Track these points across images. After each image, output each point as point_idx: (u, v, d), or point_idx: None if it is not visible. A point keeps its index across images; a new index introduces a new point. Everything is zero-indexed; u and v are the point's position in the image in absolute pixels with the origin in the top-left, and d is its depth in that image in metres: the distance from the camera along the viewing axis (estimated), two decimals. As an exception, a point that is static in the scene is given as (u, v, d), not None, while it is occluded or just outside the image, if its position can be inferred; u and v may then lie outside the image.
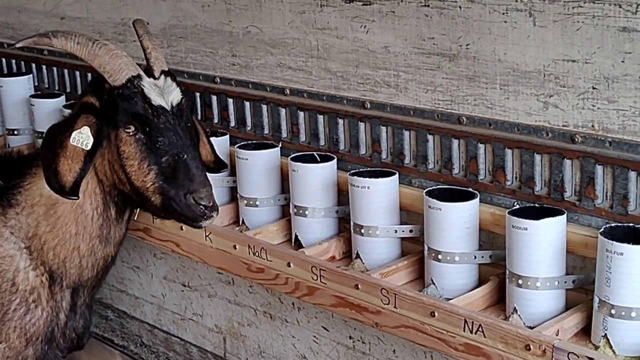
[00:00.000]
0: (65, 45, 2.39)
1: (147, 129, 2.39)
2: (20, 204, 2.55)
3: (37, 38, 2.40)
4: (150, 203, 2.43)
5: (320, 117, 2.69)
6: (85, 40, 2.39)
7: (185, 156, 2.38)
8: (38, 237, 2.54)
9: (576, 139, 2.11)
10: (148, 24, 2.69)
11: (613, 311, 1.92)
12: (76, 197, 2.42)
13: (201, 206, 2.36)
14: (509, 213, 2.11)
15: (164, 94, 2.43)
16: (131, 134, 2.39)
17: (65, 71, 3.57)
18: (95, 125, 2.41)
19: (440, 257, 2.24)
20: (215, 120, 3.03)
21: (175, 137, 2.40)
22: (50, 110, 3.31)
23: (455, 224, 2.22)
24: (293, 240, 2.64)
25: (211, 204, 2.37)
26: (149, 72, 2.47)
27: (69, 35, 2.40)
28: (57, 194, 2.42)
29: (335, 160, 2.58)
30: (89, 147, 2.39)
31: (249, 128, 2.93)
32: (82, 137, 2.38)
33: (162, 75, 2.47)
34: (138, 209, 2.63)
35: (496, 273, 2.27)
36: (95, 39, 2.42)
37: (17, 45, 2.40)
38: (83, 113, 2.43)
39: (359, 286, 2.24)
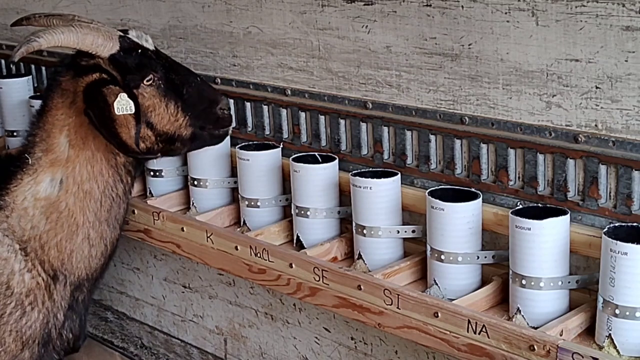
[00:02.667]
0: (52, 41, 2.41)
1: (162, 73, 2.52)
2: (9, 206, 2.53)
3: (27, 45, 2.39)
4: (180, 139, 2.57)
5: (322, 118, 2.69)
6: (67, 29, 2.42)
7: (198, 79, 2.58)
8: (36, 239, 2.52)
9: (579, 139, 2.11)
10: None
11: (617, 311, 1.91)
12: (157, 154, 2.61)
13: (226, 112, 2.62)
14: (512, 213, 2.10)
15: (146, 40, 2.56)
16: (152, 83, 2.49)
17: (58, 69, 3.55)
18: (124, 89, 2.48)
19: (443, 257, 2.24)
20: (216, 121, 3.02)
21: (179, 68, 2.57)
22: (49, 111, 3.29)
23: (458, 224, 2.21)
24: (295, 241, 2.63)
25: (229, 107, 2.65)
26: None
27: (51, 31, 2.42)
28: (141, 159, 2.63)
29: (337, 160, 2.57)
30: (134, 109, 2.47)
31: (250, 129, 2.93)
32: (124, 103, 2.46)
33: (129, 29, 2.57)
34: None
35: (499, 273, 2.27)
36: (69, 23, 2.49)
37: (14, 59, 2.40)
38: (100, 87, 2.47)
39: (362, 287, 2.23)
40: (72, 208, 2.52)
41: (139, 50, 2.50)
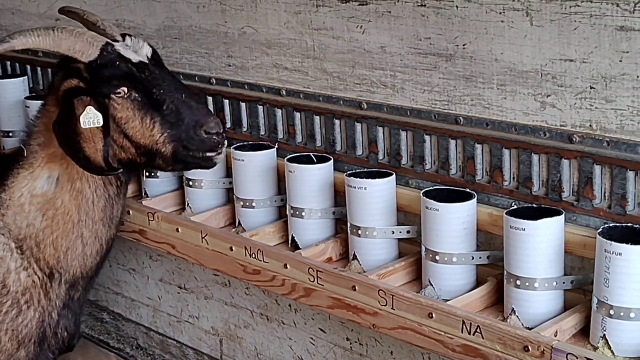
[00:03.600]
0: (26, 43, 2.39)
1: (140, 86, 2.42)
2: (5, 204, 2.53)
3: (4, 47, 2.39)
4: (162, 156, 2.44)
5: (317, 118, 2.68)
6: (44, 31, 2.40)
7: (183, 96, 2.43)
8: (32, 237, 2.52)
9: (574, 139, 2.10)
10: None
11: (612, 312, 1.91)
12: (120, 170, 2.52)
13: (213, 138, 2.40)
14: (506, 214, 2.10)
15: (138, 51, 2.46)
16: (125, 97, 2.41)
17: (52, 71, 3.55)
18: (94, 102, 2.43)
19: (438, 258, 2.23)
20: (211, 122, 3.01)
21: (166, 83, 2.43)
22: (45, 112, 3.29)
23: (453, 225, 2.21)
24: (290, 241, 2.62)
25: (222, 130, 2.42)
26: (113, 40, 2.48)
27: (26, 33, 2.40)
28: (101, 175, 2.51)
29: (332, 161, 2.57)
30: (102, 123, 2.42)
31: (245, 129, 2.92)
32: (91, 117, 2.41)
33: (126, 37, 2.50)
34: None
35: (494, 274, 2.26)
36: (53, 26, 2.43)
37: None
38: (72, 98, 2.44)
39: (357, 288, 2.23)
40: (67, 205, 2.52)
41: (118, 62, 2.41)
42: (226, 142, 2.44)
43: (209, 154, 2.42)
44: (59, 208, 2.52)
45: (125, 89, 2.41)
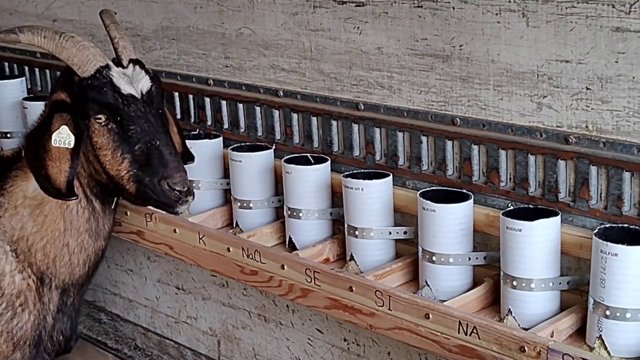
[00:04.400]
0: (32, 40, 2.38)
1: (119, 118, 2.39)
2: (3, 206, 2.53)
3: (4, 35, 2.39)
4: (126, 191, 2.44)
5: (314, 119, 2.69)
6: (51, 33, 2.39)
7: (158, 143, 2.39)
8: (24, 239, 2.52)
9: (570, 140, 2.11)
10: (115, 13, 2.68)
11: (608, 312, 1.91)
12: (75, 197, 2.42)
13: (176, 191, 2.38)
14: (503, 214, 2.10)
15: (134, 82, 2.43)
16: (103, 124, 2.39)
17: (58, 74, 3.55)
18: (72, 121, 2.40)
19: (434, 258, 2.24)
20: (209, 122, 3.02)
21: (147, 124, 2.40)
22: (43, 113, 3.30)
23: (450, 226, 2.21)
24: (287, 242, 2.63)
25: (186, 188, 2.39)
26: (118, 62, 2.47)
27: (35, 30, 2.39)
28: (55, 198, 2.42)
29: (329, 162, 2.57)
30: (72, 145, 2.39)
31: (242, 130, 2.92)
32: (63, 137, 2.38)
33: (131, 64, 2.47)
34: (116, 199, 2.61)
35: (491, 274, 2.26)
36: (62, 32, 2.42)
37: None
38: (56, 111, 2.42)
39: (353, 288, 2.23)
40: (54, 213, 2.52)
41: (105, 89, 2.38)
42: (190, 198, 2.43)
43: (166, 205, 2.42)
44: (47, 214, 2.52)
45: (104, 117, 2.39)
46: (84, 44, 2.41)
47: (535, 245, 2.05)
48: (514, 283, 2.08)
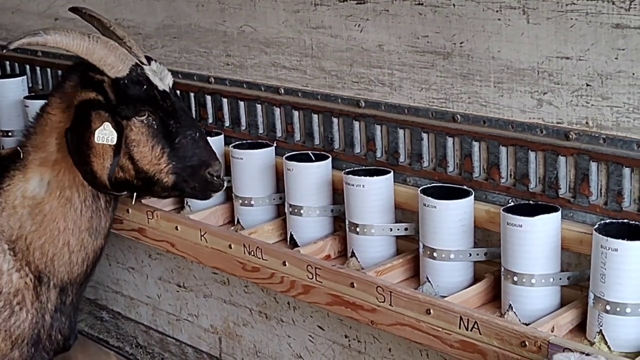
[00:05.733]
0: (59, 42, 2.38)
1: (159, 115, 2.45)
2: (0, 205, 2.53)
3: (31, 37, 2.39)
4: (160, 184, 2.50)
5: (315, 116, 2.70)
6: (80, 36, 2.39)
7: (197, 134, 2.48)
8: (23, 238, 2.52)
9: (570, 136, 2.11)
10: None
11: (608, 307, 1.92)
12: (124, 193, 2.53)
13: (215, 178, 2.51)
14: (503, 210, 2.11)
15: (162, 78, 2.49)
16: (145, 121, 2.44)
17: (59, 72, 3.56)
18: (111, 119, 2.43)
19: (435, 254, 2.24)
20: (210, 120, 3.03)
21: (184, 116, 2.48)
22: (44, 111, 3.30)
23: (450, 222, 2.22)
24: (288, 239, 2.64)
25: (222, 174, 2.55)
26: (139, 61, 2.49)
27: (62, 32, 2.39)
28: (104, 193, 2.53)
29: (330, 159, 2.58)
30: (114, 142, 2.43)
31: (243, 127, 2.93)
32: (106, 134, 2.41)
33: (151, 61, 2.51)
34: (135, 194, 2.63)
35: (491, 270, 2.27)
36: (88, 33, 2.42)
37: (11, 47, 2.38)
38: (90, 110, 2.43)
39: (355, 284, 2.24)
40: (55, 212, 2.52)
41: (145, 86, 2.44)
42: (225, 183, 2.57)
43: (206, 193, 2.54)
44: (47, 214, 2.52)
45: (147, 114, 2.44)
46: (113, 44, 2.44)
47: (536, 241, 2.06)
48: (515, 279, 2.09)
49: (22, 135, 2.66)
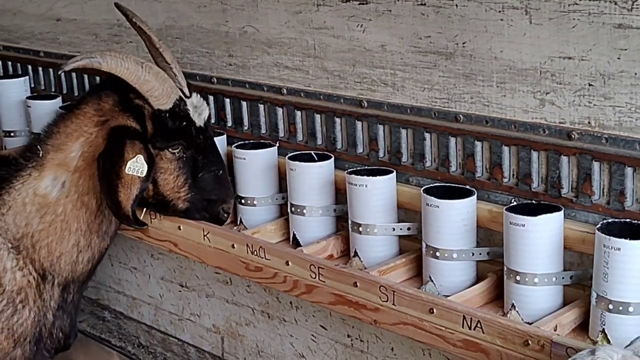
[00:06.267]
0: (114, 69, 2.41)
1: (191, 150, 2.52)
2: (7, 204, 2.54)
3: (86, 61, 2.40)
4: (174, 208, 2.59)
5: (318, 116, 2.70)
6: (135, 64, 2.40)
7: (220, 171, 2.57)
8: (29, 236, 2.53)
9: (573, 136, 2.12)
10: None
11: (611, 306, 1.93)
12: (146, 225, 2.61)
13: (226, 214, 2.63)
14: (506, 210, 2.12)
15: (200, 113, 2.54)
16: (176, 154, 2.50)
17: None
18: (145, 151, 2.46)
19: (438, 254, 2.25)
20: (213, 120, 3.02)
21: (212, 154, 2.56)
22: (46, 111, 3.30)
23: (453, 222, 2.22)
24: (291, 239, 2.64)
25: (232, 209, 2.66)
26: (182, 92, 2.53)
27: (118, 58, 2.40)
28: (126, 224, 2.56)
29: (332, 159, 2.59)
30: (144, 174, 2.46)
31: (246, 128, 2.94)
32: (138, 166, 2.44)
33: (194, 93, 2.55)
34: (145, 209, 2.68)
35: (494, 270, 2.28)
36: (141, 61, 2.43)
37: (66, 69, 2.39)
38: (125, 138, 2.45)
39: (358, 284, 2.24)
40: (68, 214, 2.54)
41: (184, 122, 2.49)
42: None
43: (214, 222, 2.64)
44: (59, 215, 2.53)
45: (180, 148, 2.50)
46: (163, 75, 2.47)
47: (539, 241, 2.07)
48: (518, 278, 2.10)
49: (43, 132, 2.65)
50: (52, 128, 2.60)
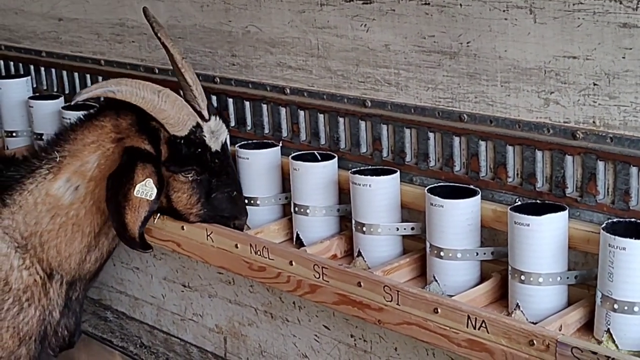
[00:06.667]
0: (129, 97, 2.40)
1: (205, 173, 2.53)
2: (18, 204, 2.55)
3: (100, 91, 2.40)
4: (187, 220, 2.60)
5: (321, 116, 2.70)
6: (151, 92, 2.40)
7: (234, 192, 2.58)
8: (37, 235, 2.55)
9: (577, 135, 2.12)
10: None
11: (616, 306, 1.93)
12: (150, 249, 2.59)
13: (237, 229, 2.62)
14: (510, 209, 2.11)
15: (217, 137, 2.54)
16: (189, 177, 2.52)
17: (64, 73, 3.57)
18: (156, 174, 2.47)
19: (442, 254, 2.25)
20: (215, 121, 3.03)
21: (226, 176, 2.56)
22: (48, 111, 3.31)
23: (457, 221, 2.22)
24: (294, 239, 2.64)
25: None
26: (196, 109, 2.52)
27: (134, 86, 2.40)
28: (131, 247, 2.54)
29: (336, 158, 2.58)
30: (153, 197, 2.46)
31: (249, 127, 2.94)
32: (147, 190, 2.45)
33: (213, 117, 2.55)
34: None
35: (498, 269, 2.28)
36: (158, 89, 2.43)
37: (79, 99, 2.38)
38: (137, 160, 2.46)
39: (362, 284, 2.24)
40: (81, 218, 2.56)
41: (200, 149, 2.49)
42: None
43: None
44: (71, 218, 2.55)
45: (193, 172, 2.51)
46: (180, 103, 2.46)
47: (543, 240, 2.07)
48: (522, 277, 2.10)
49: (58, 136, 2.66)
50: (70, 134, 2.62)
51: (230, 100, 2.96)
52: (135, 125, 2.52)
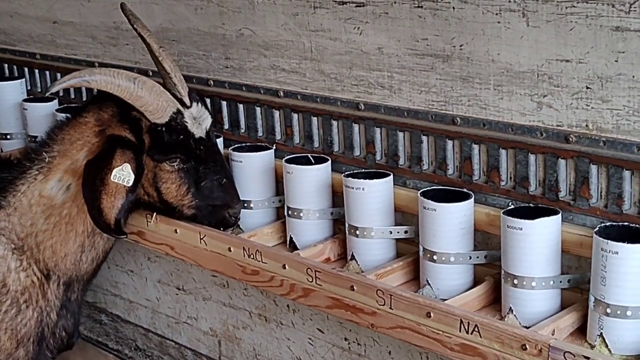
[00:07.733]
0: (104, 85, 2.39)
1: (191, 161, 2.51)
2: (12, 205, 2.55)
3: (74, 81, 2.39)
4: (180, 214, 2.58)
5: (314, 119, 2.70)
6: (126, 79, 2.39)
7: (224, 178, 2.55)
8: (33, 236, 2.54)
9: (570, 139, 2.11)
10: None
11: (608, 310, 1.92)
12: (125, 235, 2.54)
13: (233, 218, 2.62)
14: (503, 213, 2.11)
15: (200, 123, 2.52)
16: (175, 166, 2.50)
17: (58, 75, 3.56)
18: (134, 161, 2.44)
19: (435, 257, 2.24)
20: (209, 123, 3.02)
21: (213, 163, 2.54)
22: (43, 114, 3.30)
23: (450, 225, 2.22)
24: (288, 242, 2.63)
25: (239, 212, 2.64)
26: (177, 97, 2.50)
27: (108, 74, 2.39)
28: (105, 233, 2.51)
29: (329, 162, 2.58)
30: (130, 184, 2.44)
31: (242, 130, 2.93)
32: (124, 175, 2.42)
33: (194, 103, 2.53)
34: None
35: (491, 273, 2.27)
36: (134, 76, 2.42)
37: (53, 90, 2.38)
38: (118, 146, 2.44)
39: (355, 287, 2.23)
40: (74, 216, 2.55)
41: (182, 136, 2.48)
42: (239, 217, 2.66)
43: (221, 227, 2.62)
44: (64, 217, 2.54)
45: (178, 160, 2.49)
46: (158, 89, 2.44)
47: (536, 244, 2.06)
48: (515, 281, 2.09)
49: (46, 137, 2.65)
50: (58, 133, 2.61)
51: (224, 103, 2.95)
52: (117, 116, 2.50)
